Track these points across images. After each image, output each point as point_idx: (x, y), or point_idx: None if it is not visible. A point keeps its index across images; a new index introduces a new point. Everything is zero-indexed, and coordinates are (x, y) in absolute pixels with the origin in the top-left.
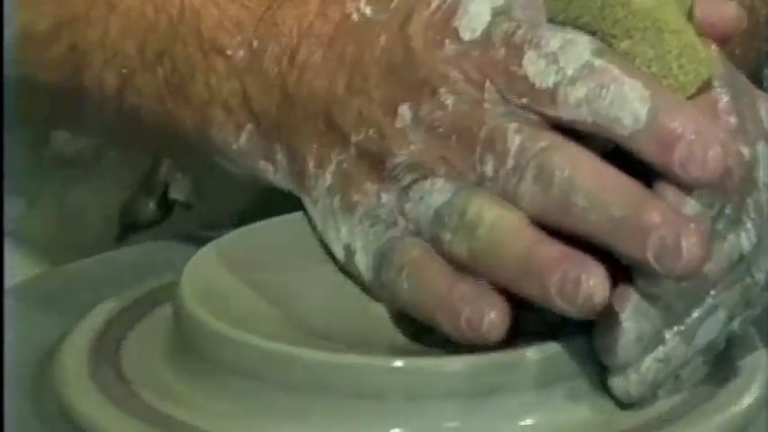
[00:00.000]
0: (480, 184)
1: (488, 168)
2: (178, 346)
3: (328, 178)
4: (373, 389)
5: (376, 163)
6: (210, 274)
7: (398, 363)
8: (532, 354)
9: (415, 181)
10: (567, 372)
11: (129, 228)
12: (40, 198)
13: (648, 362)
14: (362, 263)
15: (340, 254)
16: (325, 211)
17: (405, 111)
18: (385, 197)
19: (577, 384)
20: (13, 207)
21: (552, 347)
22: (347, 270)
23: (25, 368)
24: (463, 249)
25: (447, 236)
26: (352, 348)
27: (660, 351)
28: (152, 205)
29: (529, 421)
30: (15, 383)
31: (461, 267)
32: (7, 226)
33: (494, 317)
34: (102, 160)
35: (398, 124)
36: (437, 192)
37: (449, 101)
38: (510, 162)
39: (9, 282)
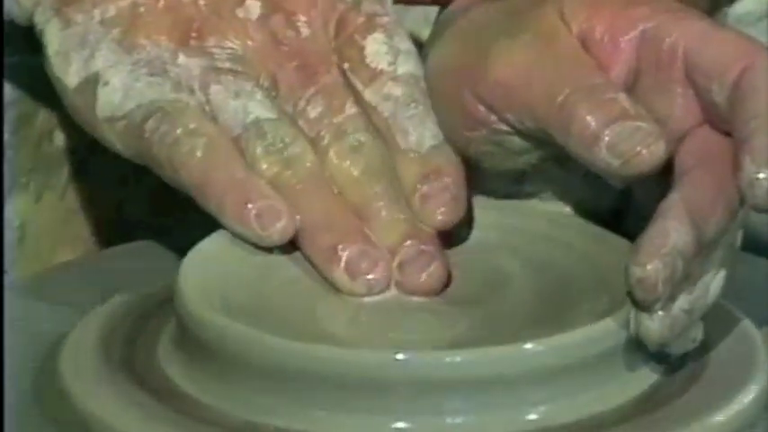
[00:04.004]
0: (294, 118)
1: (314, 112)
2: (181, 341)
3: (112, 10)
4: (376, 382)
5: (187, 27)
6: (210, 266)
7: (401, 355)
8: (536, 346)
9: (234, 73)
10: (572, 365)
11: (129, 222)
12: (44, 195)
13: (676, 309)
14: (110, 98)
15: (74, 79)
16: (83, 33)
17: (254, 6)
18: (184, 60)
19: (582, 378)
20: (18, 204)
21: (556, 340)
22: (71, 95)
23: (27, 365)
24: (272, 172)
25: (258, 150)
26: (352, 341)
27: (686, 300)
28: (154, 185)
29: (533, 416)
30: (17, 381)
31: None
32: (12, 222)
33: (284, 224)
34: (102, 155)
35: (240, 14)
36: (258, 102)
37: (304, 29)
38: (338, 120)
39: (12, 279)
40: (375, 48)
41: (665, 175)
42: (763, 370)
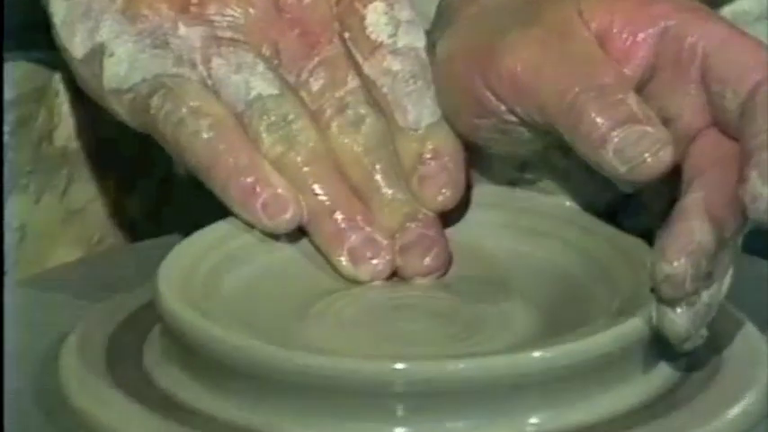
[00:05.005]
0: (296, 89)
1: (316, 85)
2: (173, 348)
3: None
4: (376, 391)
5: None
6: (190, 268)
7: (400, 365)
8: (537, 354)
9: (235, 43)
10: (573, 371)
11: (129, 222)
12: (44, 196)
13: (699, 304)
14: (115, 69)
15: (80, 49)
16: (87, 3)
17: None
18: (185, 31)
19: (582, 383)
20: (18, 205)
21: (557, 347)
22: (78, 65)
23: (27, 366)
24: (276, 152)
25: (262, 126)
26: (350, 348)
27: (706, 295)
28: (153, 185)
29: (534, 419)
30: (17, 381)
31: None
32: (12, 223)
33: (291, 216)
34: (102, 156)
35: None
36: (259, 75)
37: None
38: (340, 94)
39: (12, 279)
40: (375, 18)
41: (671, 173)
42: (764, 373)
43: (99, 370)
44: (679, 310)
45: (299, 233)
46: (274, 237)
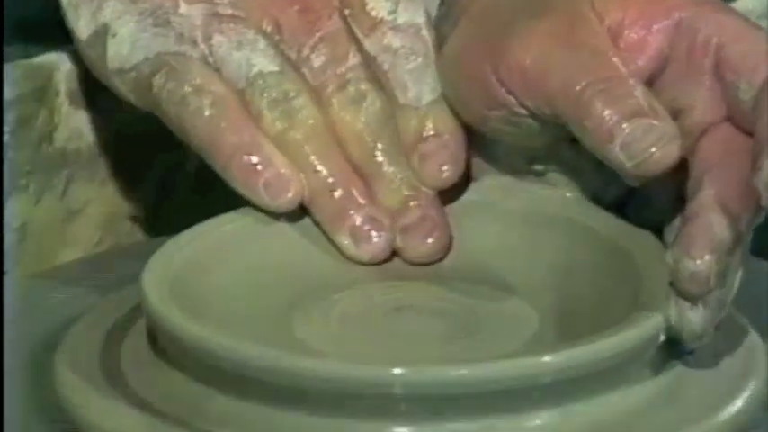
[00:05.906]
0: (297, 65)
1: (318, 61)
2: (165, 348)
3: None
4: (379, 395)
5: None
6: (179, 266)
7: (403, 370)
8: (539, 358)
9: (236, 19)
10: (575, 373)
11: (129, 222)
12: (44, 196)
13: (714, 301)
14: (118, 50)
15: (84, 31)
16: None
17: None
18: (186, 9)
19: (584, 385)
20: (18, 205)
21: (560, 352)
22: (83, 47)
23: (28, 366)
24: (277, 129)
25: (263, 104)
26: (346, 352)
27: (722, 292)
28: (154, 185)
29: (539, 420)
30: (17, 381)
31: None
32: (12, 223)
33: (293, 195)
34: (102, 156)
35: None
36: (260, 52)
37: None
38: (341, 70)
39: (12, 279)
40: None
41: (678, 169)
42: (763, 371)
43: (94, 371)
44: (696, 307)
45: (294, 225)
46: (268, 229)
